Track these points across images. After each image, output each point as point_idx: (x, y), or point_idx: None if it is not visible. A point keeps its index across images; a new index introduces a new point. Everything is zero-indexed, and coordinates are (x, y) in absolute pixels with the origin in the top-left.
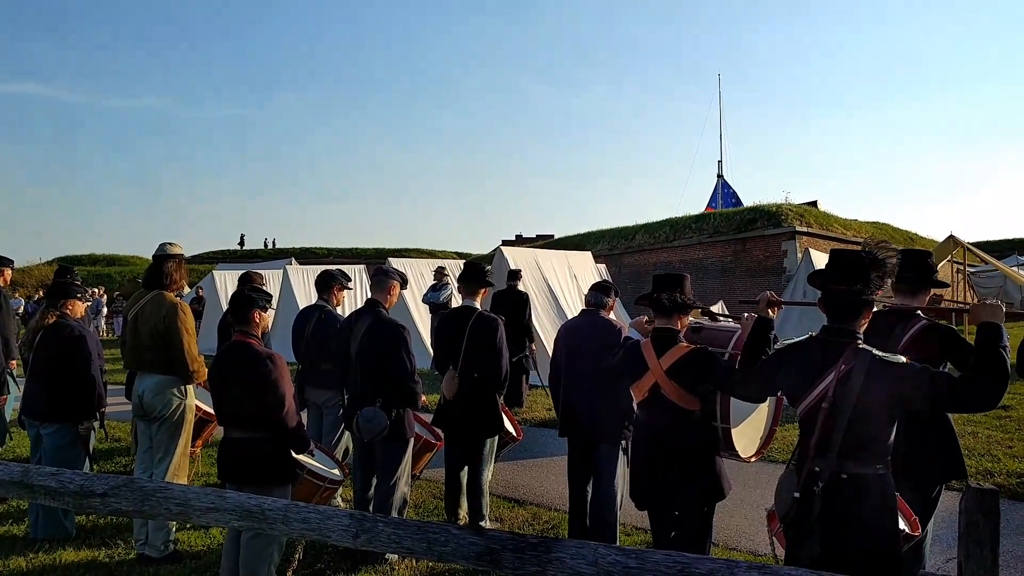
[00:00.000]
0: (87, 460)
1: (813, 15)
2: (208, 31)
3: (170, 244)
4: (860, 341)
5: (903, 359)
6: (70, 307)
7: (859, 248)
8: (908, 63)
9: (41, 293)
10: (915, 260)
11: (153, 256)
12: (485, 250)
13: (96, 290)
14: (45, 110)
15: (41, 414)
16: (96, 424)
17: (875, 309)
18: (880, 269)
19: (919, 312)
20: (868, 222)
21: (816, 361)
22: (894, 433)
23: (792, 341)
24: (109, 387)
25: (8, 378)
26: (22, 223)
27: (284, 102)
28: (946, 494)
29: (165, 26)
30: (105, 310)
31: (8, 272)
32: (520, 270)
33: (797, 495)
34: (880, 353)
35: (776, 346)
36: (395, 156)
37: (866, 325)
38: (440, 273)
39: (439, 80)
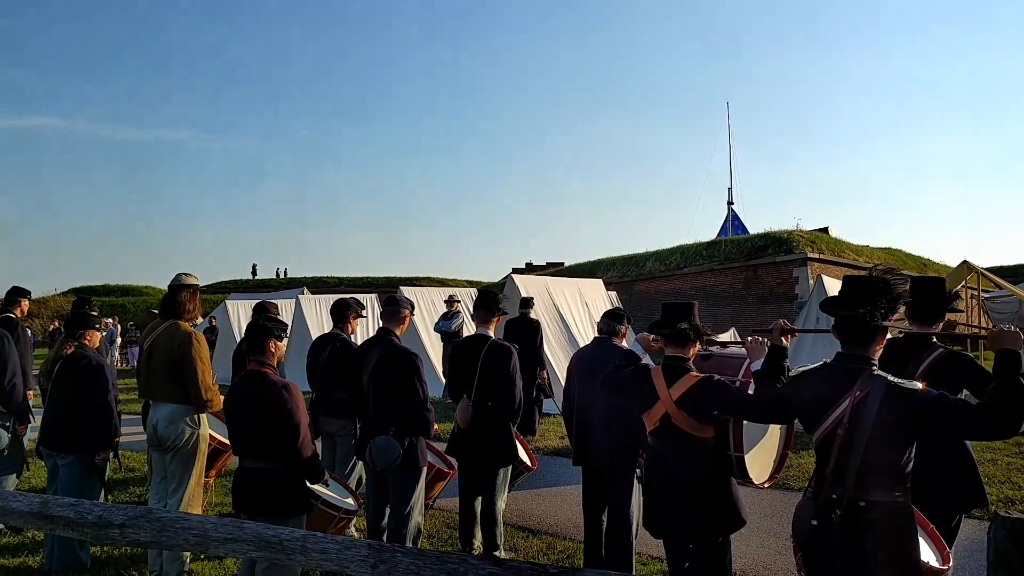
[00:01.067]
0: (102, 490)
1: (823, 43)
2: (223, 64)
3: (185, 275)
4: (875, 367)
5: (919, 385)
6: (88, 337)
7: (868, 274)
8: (921, 91)
9: (57, 323)
10: (929, 287)
11: (169, 286)
12: (496, 278)
13: (110, 320)
14: (64, 143)
15: (58, 444)
16: (111, 454)
17: (890, 336)
18: (890, 294)
19: (934, 339)
20: (880, 248)
21: (831, 388)
22: (912, 460)
23: (806, 368)
24: (123, 416)
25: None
26: (39, 254)
27: (297, 135)
28: (966, 522)
29: (181, 59)
30: (119, 340)
31: (25, 303)
32: (532, 298)
33: (815, 523)
34: (896, 379)
35: (790, 373)
36: (405, 187)
37: (880, 351)
38: (451, 301)
39: (448, 111)
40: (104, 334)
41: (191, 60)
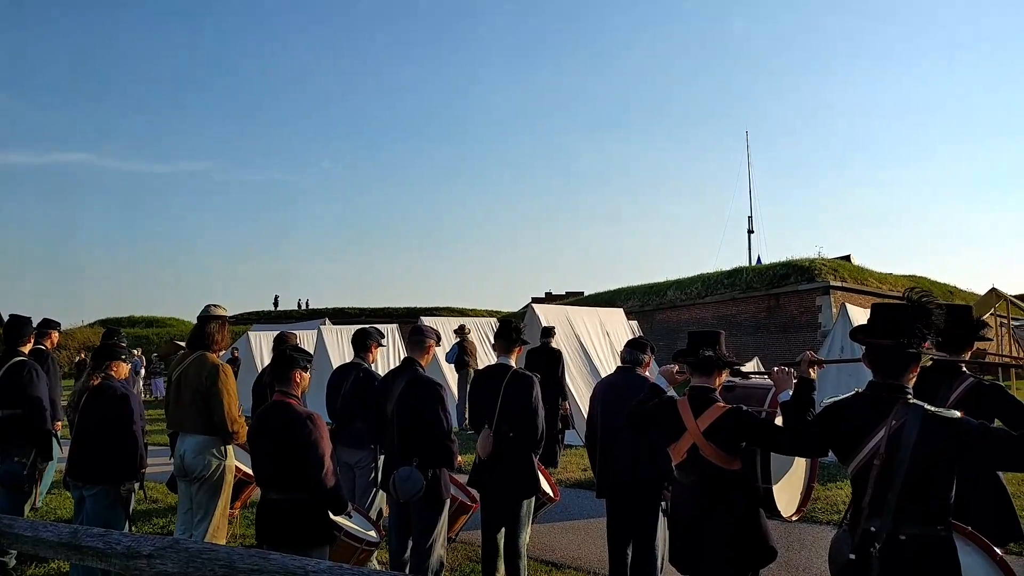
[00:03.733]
0: (127, 521)
1: (842, 69)
2: (244, 98)
3: (214, 306)
4: (910, 396)
5: (958, 414)
6: (115, 368)
7: (901, 301)
8: (944, 115)
9: (83, 355)
10: (957, 315)
11: (198, 317)
12: (515, 308)
13: (135, 351)
14: (95, 178)
15: (85, 475)
16: (136, 485)
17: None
18: (925, 320)
19: (964, 368)
20: (904, 275)
21: (865, 418)
22: (953, 492)
23: (838, 399)
24: (148, 447)
25: (53, 440)
26: (66, 286)
27: (319, 166)
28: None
29: (202, 93)
30: (143, 371)
31: (55, 335)
32: (553, 327)
33: (852, 557)
34: (933, 408)
35: (822, 404)
36: (425, 218)
37: (914, 380)
38: (461, 331)
39: (465, 140)
40: (131, 365)
41: (211, 93)
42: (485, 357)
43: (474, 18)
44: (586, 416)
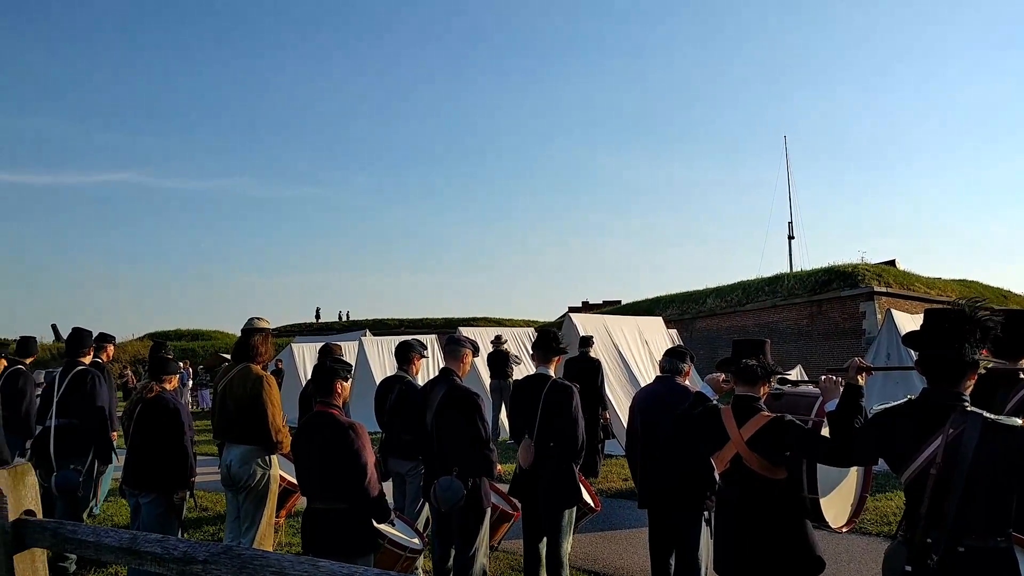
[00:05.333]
0: (179, 528)
1: (884, 71)
2: (278, 116)
3: (258, 319)
4: (967, 404)
5: (1020, 421)
6: (168, 381)
7: (954, 307)
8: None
9: (129, 369)
10: (1014, 320)
11: (242, 330)
12: (552, 317)
13: (182, 364)
14: (140, 196)
15: (140, 483)
16: (187, 493)
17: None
18: (980, 327)
19: (1022, 375)
20: (954, 280)
21: (920, 426)
22: (1015, 503)
23: (889, 405)
24: (198, 457)
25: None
26: (117, 301)
27: (354, 180)
28: None
29: (238, 112)
30: (190, 383)
31: (111, 348)
32: (592, 336)
33: (909, 569)
34: (993, 416)
35: (873, 411)
36: (462, 228)
37: (971, 387)
38: (498, 341)
39: (503, 155)
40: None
41: (247, 112)
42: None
43: (508, 35)
44: (626, 426)
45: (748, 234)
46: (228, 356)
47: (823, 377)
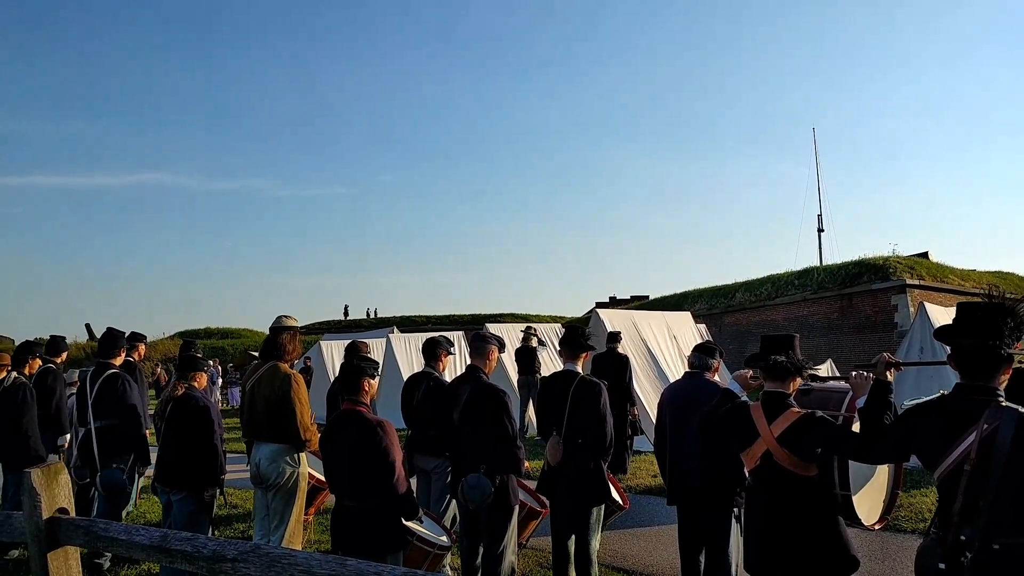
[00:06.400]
0: (210, 526)
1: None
2: (304, 116)
3: (286, 317)
4: (1001, 399)
5: None
6: (196, 379)
7: (988, 299)
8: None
9: (159, 369)
10: None
11: (270, 328)
12: (579, 313)
13: (211, 362)
14: (168, 196)
15: (171, 481)
16: (217, 491)
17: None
18: (1015, 320)
19: None
20: (989, 272)
21: (952, 421)
22: None
23: (921, 401)
24: (227, 455)
25: None
26: (147, 300)
27: (380, 179)
28: None
29: (261, 112)
30: (220, 381)
31: (142, 347)
32: (619, 332)
33: (942, 566)
34: None
35: (904, 406)
36: (487, 224)
37: (1006, 382)
38: (528, 335)
39: (528, 151)
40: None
41: (270, 113)
42: (550, 363)
43: (536, 31)
44: (655, 422)
45: (777, 228)
46: (257, 354)
47: (854, 373)
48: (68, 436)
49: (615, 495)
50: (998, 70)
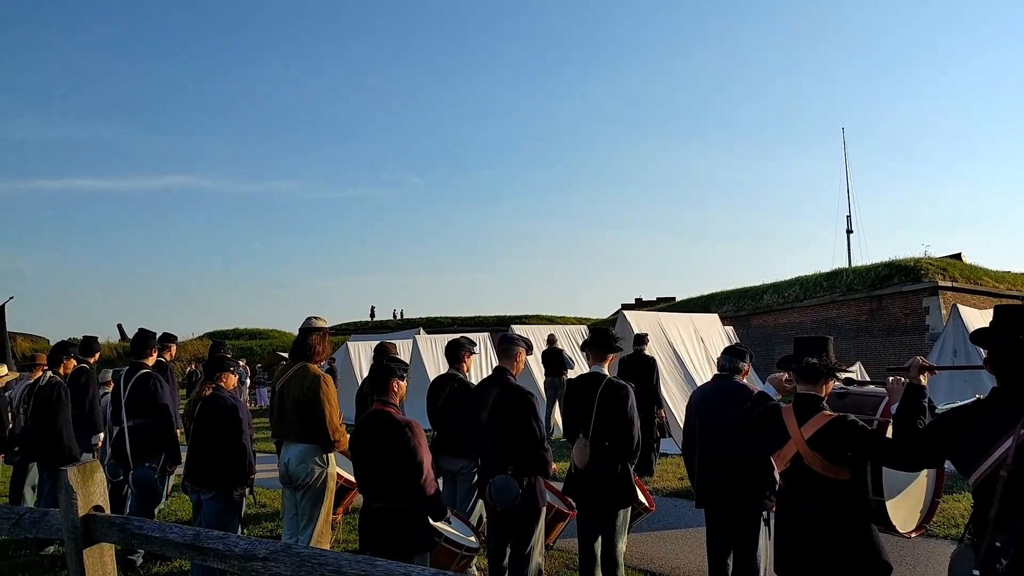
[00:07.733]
0: (239, 525)
1: (943, 59)
2: (329, 120)
3: (315, 318)
4: None
5: None
6: (224, 379)
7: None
8: None
9: (194, 366)
10: None
11: (300, 329)
12: (605, 315)
13: (241, 362)
14: (197, 199)
15: (201, 480)
16: (247, 490)
17: None
18: None
19: None
20: None
21: (989, 426)
22: None
23: (957, 405)
24: (256, 455)
25: None
26: (178, 301)
27: (407, 181)
28: None
29: (292, 116)
30: (249, 381)
31: (173, 347)
32: (646, 334)
33: (976, 573)
34: None
35: (938, 410)
36: (513, 226)
37: None
38: (550, 341)
39: (554, 152)
40: (237, 376)
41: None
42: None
43: (565, 27)
44: (682, 424)
45: (806, 228)
46: (286, 355)
47: (890, 379)
48: (101, 435)
49: (641, 497)
50: None
